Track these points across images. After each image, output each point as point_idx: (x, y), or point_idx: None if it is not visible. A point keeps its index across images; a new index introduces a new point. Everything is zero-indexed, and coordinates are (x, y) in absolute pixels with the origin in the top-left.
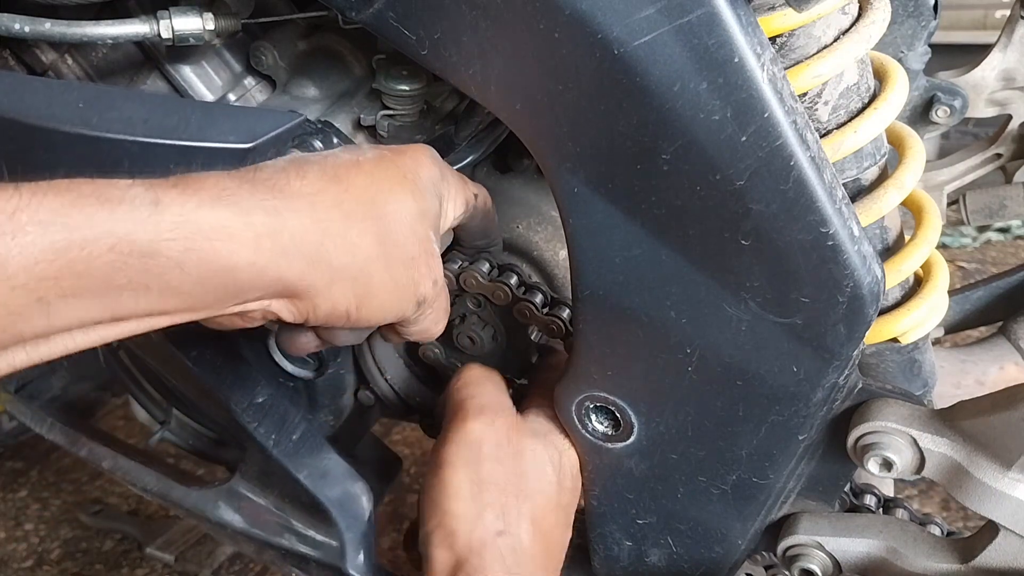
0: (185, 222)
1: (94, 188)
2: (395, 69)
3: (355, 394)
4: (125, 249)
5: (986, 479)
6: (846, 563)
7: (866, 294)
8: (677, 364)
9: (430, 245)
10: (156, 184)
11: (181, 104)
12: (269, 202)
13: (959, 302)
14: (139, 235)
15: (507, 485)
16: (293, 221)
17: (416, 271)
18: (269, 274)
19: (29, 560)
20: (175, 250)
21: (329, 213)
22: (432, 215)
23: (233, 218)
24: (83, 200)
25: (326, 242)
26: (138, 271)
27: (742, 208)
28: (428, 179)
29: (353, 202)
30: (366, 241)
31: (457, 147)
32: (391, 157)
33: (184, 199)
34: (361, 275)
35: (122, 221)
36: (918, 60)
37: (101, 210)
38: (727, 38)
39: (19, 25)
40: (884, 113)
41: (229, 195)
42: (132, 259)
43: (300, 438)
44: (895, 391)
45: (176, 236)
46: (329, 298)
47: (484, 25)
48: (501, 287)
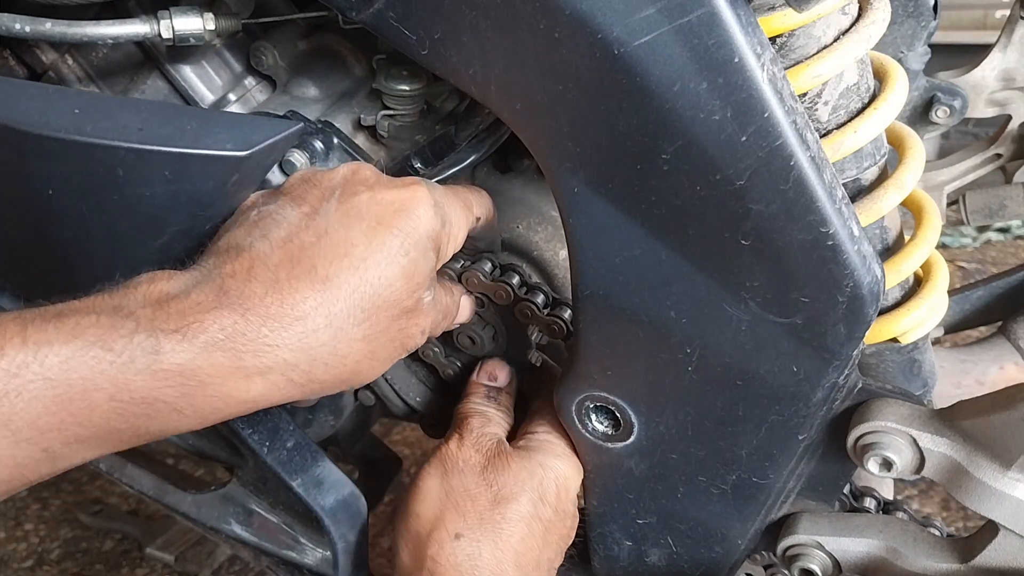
0: (182, 371)
1: (99, 335)
2: (395, 69)
3: (355, 394)
4: (124, 398)
5: (986, 479)
6: (846, 563)
7: (866, 294)
8: (677, 364)
9: (419, 307)
10: (159, 328)
11: (177, 111)
12: (261, 341)
13: (959, 302)
14: (139, 385)
15: (477, 495)
16: (283, 358)
17: (403, 337)
18: (260, 404)
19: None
20: (171, 396)
21: (318, 336)
22: (425, 277)
23: (228, 363)
24: (88, 350)
25: (315, 367)
26: (136, 416)
27: (742, 208)
28: (427, 235)
29: (342, 313)
30: (354, 348)
31: (457, 147)
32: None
33: (183, 347)
34: (350, 373)
35: (122, 372)
36: (918, 60)
37: (104, 360)
38: (727, 38)
39: (19, 25)
40: (884, 113)
41: (225, 340)
42: (131, 407)
43: (294, 446)
44: (895, 391)
45: (173, 384)
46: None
47: (484, 25)
48: (503, 287)
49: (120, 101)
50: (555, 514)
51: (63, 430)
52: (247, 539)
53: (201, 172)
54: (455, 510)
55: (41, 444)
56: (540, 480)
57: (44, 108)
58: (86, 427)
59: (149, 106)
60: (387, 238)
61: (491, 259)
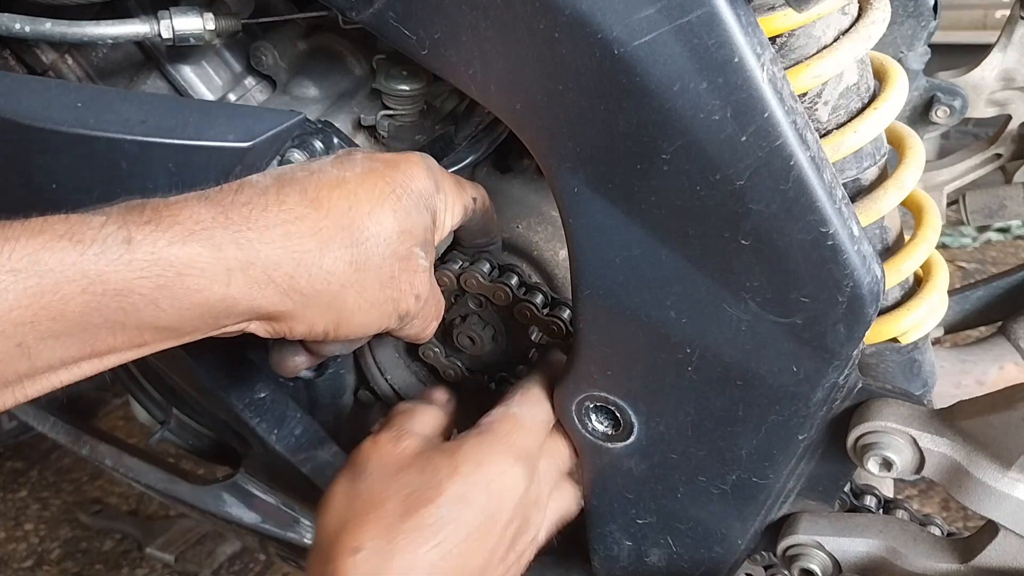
0: (157, 260)
1: (67, 228)
2: (395, 69)
3: (355, 394)
4: (98, 290)
5: (986, 479)
6: (846, 563)
7: (866, 294)
8: (677, 364)
9: (412, 262)
10: (130, 220)
11: (179, 104)
12: (243, 234)
13: (959, 302)
14: (111, 276)
15: (384, 501)
16: (266, 253)
17: (394, 290)
18: (242, 305)
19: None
20: (147, 288)
21: (304, 243)
22: (418, 231)
23: (205, 253)
24: (56, 242)
25: (299, 272)
26: (112, 310)
27: (742, 208)
28: (419, 194)
29: (330, 228)
30: (340, 267)
31: (457, 147)
32: (381, 171)
33: (156, 236)
34: (335, 300)
35: (94, 262)
36: (918, 60)
37: (73, 252)
38: (727, 38)
39: (19, 25)
40: (884, 113)
41: (202, 229)
42: (106, 299)
43: (302, 433)
44: (895, 391)
45: (148, 274)
46: (304, 320)
47: (484, 25)
48: (502, 288)
49: (122, 94)
50: (484, 517)
51: (36, 324)
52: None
53: (204, 163)
54: (357, 520)
55: (15, 338)
56: (463, 479)
57: (47, 102)
58: (59, 321)
59: (151, 99)
60: (378, 181)
61: (490, 260)
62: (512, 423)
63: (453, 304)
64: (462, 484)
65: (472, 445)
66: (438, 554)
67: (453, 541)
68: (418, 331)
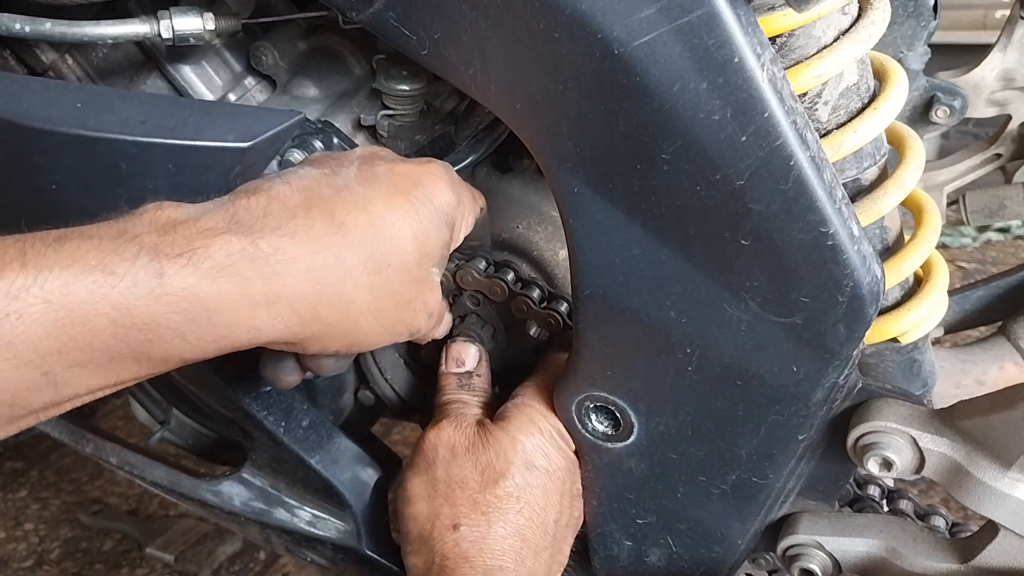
0: (187, 296)
1: (100, 258)
2: (395, 69)
3: (355, 394)
4: (127, 323)
5: (986, 479)
6: (846, 563)
7: (866, 294)
8: (677, 364)
9: (428, 282)
10: (162, 252)
11: (179, 104)
12: (271, 268)
13: (959, 302)
14: (141, 310)
15: (465, 480)
16: (292, 287)
17: (409, 311)
18: (264, 337)
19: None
20: (176, 322)
21: (327, 274)
22: (436, 251)
23: (234, 290)
24: (87, 275)
25: (321, 303)
26: (140, 342)
27: (742, 208)
28: (441, 210)
29: (355, 256)
30: (360, 296)
31: (457, 147)
32: (405, 190)
33: (188, 271)
34: (352, 327)
35: (124, 295)
36: (918, 60)
37: (105, 284)
38: (727, 38)
39: (19, 25)
40: (884, 113)
41: (232, 264)
42: (133, 331)
43: (310, 424)
44: (895, 391)
45: (178, 309)
46: (320, 342)
47: (484, 25)
48: (498, 283)
49: (122, 94)
50: (547, 475)
51: (64, 354)
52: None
53: (204, 164)
54: (447, 501)
55: (42, 368)
56: (523, 447)
57: (47, 103)
58: (87, 352)
59: (151, 99)
60: (403, 202)
61: (485, 257)
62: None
63: (451, 304)
64: (523, 452)
65: (518, 414)
66: (524, 517)
67: (532, 502)
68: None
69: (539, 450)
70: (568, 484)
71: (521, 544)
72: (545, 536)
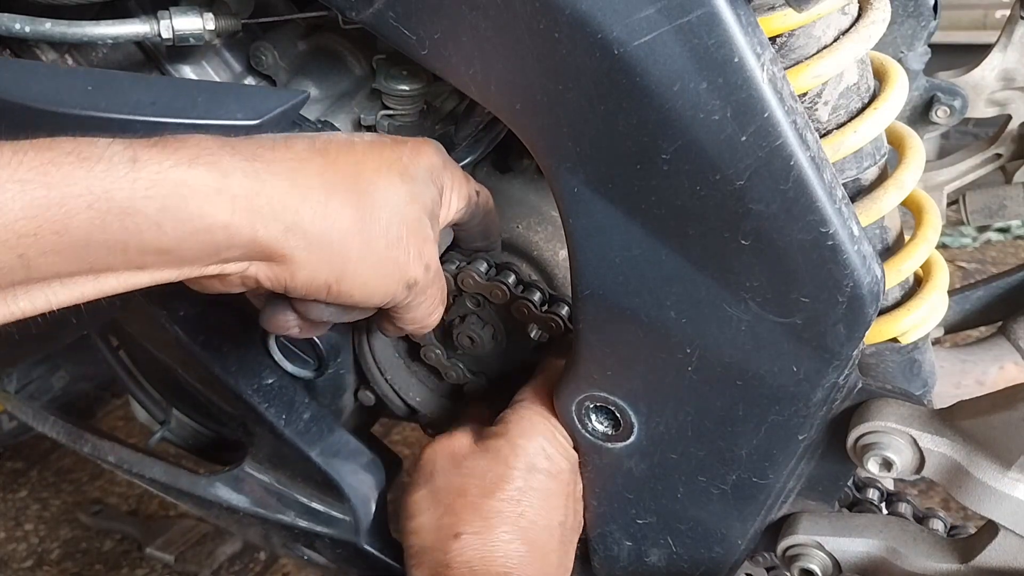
0: (162, 180)
1: (74, 146)
2: (395, 69)
3: (355, 394)
4: (103, 207)
5: (986, 479)
6: (846, 563)
7: (866, 294)
8: (677, 364)
9: (421, 227)
10: (136, 143)
11: (188, 85)
12: (249, 165)
13: (959, 302)
14: (117, 193)
15: (465, 487)
16: (271, 185)
17: (402, 251)
18: (244, 234)
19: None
20: (152, 208)
21: (310, 181)
22: (426, 200)
23: (210, 178)
24: (63, 158)
25: (303, 208)
26: (116, 228)
27: (742, 208)
28: (426, 167)
29: (337, 175)
30: (346, 213)
31: (457, 147)
32: (389, 144)
33: (162, 158)
34: (339, 246)
35: (100, 179)
36: (918, 60)
37: (80, 168)
38: (727, 38)
39: (19, 25)
40: (884, 113)
41: (208, 155)
42: (110, 216)
43: (311, 418)
44: (895, 391)
45: (153, 195)
46: (306, 266)
47: (484, 25)
48: (499, 286)
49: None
50: (550, 478)
51: (39, 236)
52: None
53: None
54: (448, 511)
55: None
56: (524, 451)
57: (58, 86)
58: (62, 235)
59: (160, 81)
60: (385, 151)
61: (487, 259)
62: (541, 393)
63: (452, 304)
64: (524, 456)
65: (518, 419)
66: (526, 521)
67: (536, 505)
68: (423, 314)
69: (541, 452)
70: (572, 486)
71: (527, 548)
72: (551, 539)
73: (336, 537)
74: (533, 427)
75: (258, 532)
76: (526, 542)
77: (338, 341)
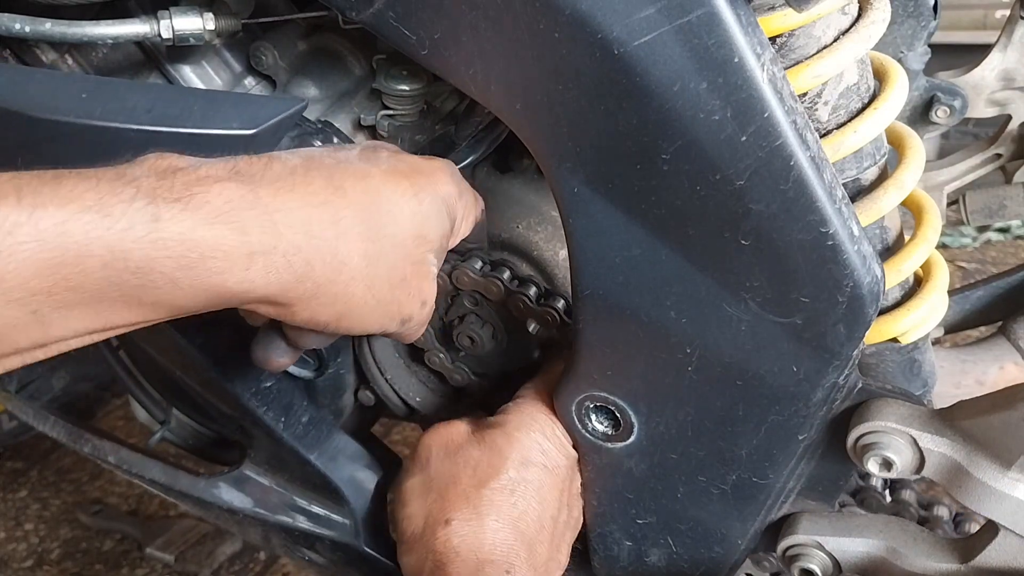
0: (183, 241)
1: (96, 199)
2: (395, 69)
3: (355, 394)
4: (120, 266)
5: (986, 479)
6: (846, 563)
7: (866, 294)
8: (677, 364)
9: (424, 268)
10: (160, 196)
11: (184, 92)
12: (268, 219)
13: (959, 302)
14: (135, 252)
15: (458, 476)
16: (288, 239)
17: (403, 292)
18: (257, 290)
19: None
20: (169, 267)
21: (324, 230)
22: (435, 237)
23: (231, 236)
24: (83, 214)
25: (316, 260)
26: (132, 286)
27: (742, 208)
28: (442, 198)
29: (350, 219)
30: (354, 259)
31: (457, 147)
32: (406, 172)
33: (184, 216)
34: (344, 291)
35: (119, 238)
36: (918, 60)
37: (100, 225)
38: (727, 38)
39: (19, 25)
40: (884, 113)
41: (230, 211)
42: (126, 275)
43: (309, 421)
44: (895, 391)
45: (172, 254)
46: (308, 309)
47: (484, 25)
48: (494, 282)
49: (127, 84)
50: (544, 472)
51: (54, 294)
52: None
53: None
54: (440, 498)
55: (31, 306)
56: (519, 443)
57: (53, 93)
58: (77, 292)
59: (156, 88)
60: (402, 181)
61: (481, 256)
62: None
63: (450, 305)
64: (519, 448)
65: (517, 413)
66: (517, 512)
67: (528, 496)
68: (410, 335)
69: (536, 447)
70: (568, 483)
71: (515, 538)
72: (541, 531)
73: (335, 540)
74: (531, 421)
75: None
76: (515, 533)
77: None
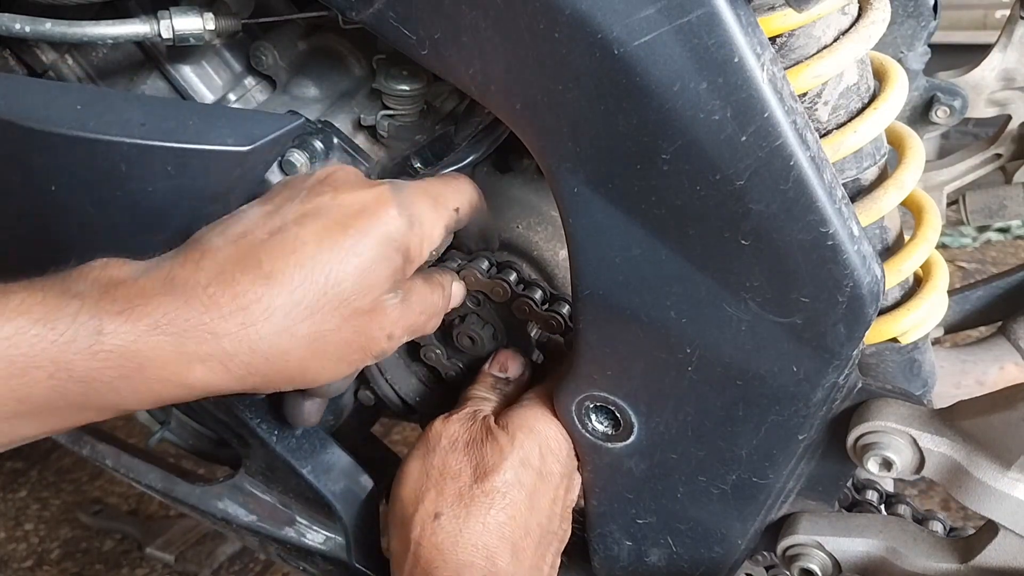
0: (123, 353)
1: (44, 312)
2: (395, 69)
3: (355, 394)
4: (64, 376)
5: (986, 479)
6: (846, 563)
7: (866, 294)
8: (677, 364)
9: (378, 311)
10: (103, 309)
11: (179, 106)
12: (205, 326)
13: (959, 302)
14: (77, 364)
15: (458, 472)
16: (223, 346)
17: (364, 338)
18: (198, 391)
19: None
20: (109, 376)
21: (259, 329)
22: (384, 280)
23: (169, 347)
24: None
25: (255, 359)
26: (76, 394)
27: (742, 208)
28: (387, 237)
29: (284, 306)
30: (295, 344)
31: (457, 147)
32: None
33: (125, 329)
34: (299, 370)
35: (63, 351)
36: (918, 60)
37: (46, 339)
38: (727, 38)
39: (19, 25)
40: (884, 113)
41: (168, 323)
42: (70, 385)
43: (303, 434)
44: (895, 391)
45: (112, 365)
46: (267, 387)
47: (484, 25)
48: (500, 284)
49: (122, 96)
50: (539, 477)
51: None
52: (257, 528)
53: (203, 167)
54: (435, 489)
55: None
56: (520, 444)
57: (47, 104)
58: (24, 403)
59: (151, 101)
60: (339, 237)
61: (488, 257)
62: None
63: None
64: (520, 450)
65: (523, 415)
66: (507, 514)
67: (518, 501)
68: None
69: (535, 450)
70: (561, 492)
71: (497, 542)
72: (527, 537)
73: (327, 554)
74: (536, 422)
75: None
76: (499, 536)
77: None
